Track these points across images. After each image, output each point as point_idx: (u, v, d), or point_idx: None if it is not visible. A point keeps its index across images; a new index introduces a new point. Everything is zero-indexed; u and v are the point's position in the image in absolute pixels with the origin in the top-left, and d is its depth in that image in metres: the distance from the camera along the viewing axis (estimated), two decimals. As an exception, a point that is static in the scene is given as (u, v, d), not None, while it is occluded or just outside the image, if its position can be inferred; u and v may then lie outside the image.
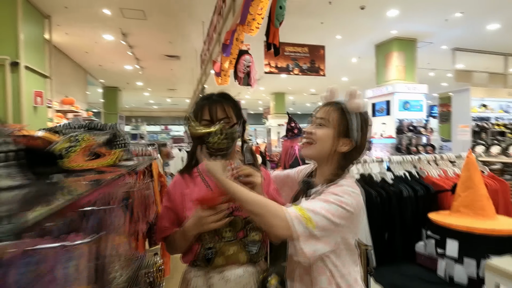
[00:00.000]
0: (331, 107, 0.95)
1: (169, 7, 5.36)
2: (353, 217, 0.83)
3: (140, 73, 9.93)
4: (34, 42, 5.04)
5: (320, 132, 0.93)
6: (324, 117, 0.94)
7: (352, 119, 0.92)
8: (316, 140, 0.93)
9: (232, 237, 0.96)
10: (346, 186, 0.87)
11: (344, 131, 0.92)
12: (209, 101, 0.98)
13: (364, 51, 7.97)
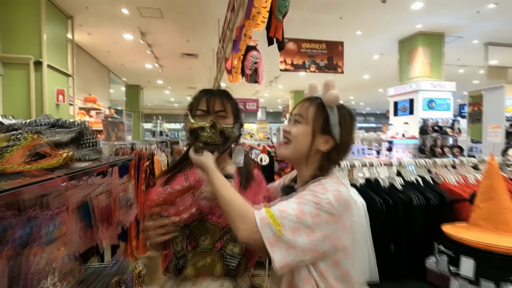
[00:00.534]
0: (307, 102, 0.87)
1: (185, 5, 5.37)
2: (336, 217, 0.72)
3: (160, 72, 10.11)
4: (57, 41, 5.24)
5: (295, 130, 0.84)
6: (300, 113, 0.86)
7: (330, 113, 0.83)
8: (291, 139, 0.85)
9: (209, 246, 0.88)
10: (325, 184, 0.77)
11: (322, 127, 0.83)
12: (208, 93, 0.96)
13: (387, 47, 7.60)
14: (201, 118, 0.92)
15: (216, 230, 0.89)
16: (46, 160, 0.57)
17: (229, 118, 0.95)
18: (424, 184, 1.43)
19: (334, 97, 0.83)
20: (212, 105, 0.92)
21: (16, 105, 4.63)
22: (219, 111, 0.93)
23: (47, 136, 0.74)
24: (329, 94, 0.82)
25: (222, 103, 0.94)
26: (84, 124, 0.81)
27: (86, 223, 0.70)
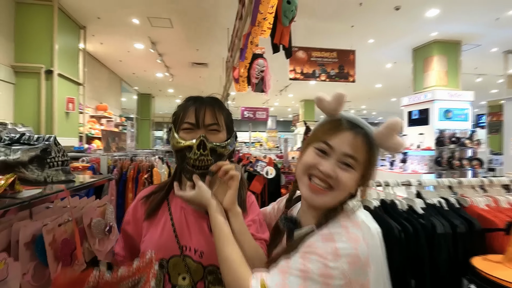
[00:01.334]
0: (360, 138, 0.68)
1: (194, 14, 5.37)
2: (352, 283, 0.57)
3: (170, 81, 10.19)
4: (68, 51, 5.32)
5: (346, 177, 0.67)
6: (354, 155, 0.67)
7: (378, 159, 0.71)
8: (337, 187, 0.67)
9: (189, 286, 0.76)
10: (338, 242, 0.60)
11: (370, 175, 0.70)
12: (197, 102, 0.81)
13: (400, 55, 7.40)
14: (188, 133, 0.78)
15: (198, 269, 0.76)
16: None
17: (221, 133, 0.81)
18: (448, 207, 1.25)
19: (401, 146, 0.68)
20: (202, 118, 0.78)
21: (27, 113, 4.68)
22: (210, 124, 0.79)
23: (4, 154, 0.63)
24: (396, 143, 0.68)
25: (214, 114, 0.80)
26: (51, 141, 0.69)
27: (39, 262, 0.58)
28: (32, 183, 0.64)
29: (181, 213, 0.81)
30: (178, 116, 0.83)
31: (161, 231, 0.79)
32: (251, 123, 10.42)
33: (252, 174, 2.55)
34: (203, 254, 0.77)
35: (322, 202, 0.68)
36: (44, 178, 0.66)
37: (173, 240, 0.77)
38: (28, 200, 0.49)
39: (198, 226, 0.80)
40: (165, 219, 0.81)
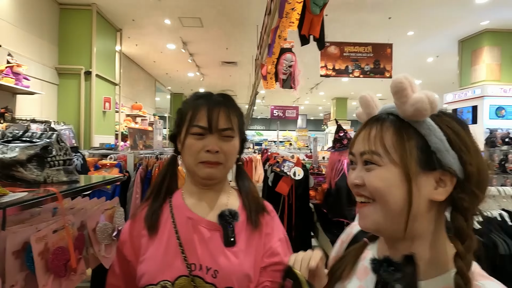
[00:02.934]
0: (374, 126, 0.52)
1: (224, 13, 5.36)
2: None
3: (201, 80, 10.38)
4: (106, 53, 5.58)
5: (371, 178, 0.49)
6: (370, 149, 0.50)
7: (425, 132, 0.48)
8: (373, 194, 0.49)
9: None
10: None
11: (420, 159, 0.47)
12: (209, 101, 0.71)
13: (444, 48, 6.80)
14: (198, 139, 0.69)
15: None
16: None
17: (235, 139, 0.73)
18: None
19: (426, 103, 0.46)
20: (216, 121, 0.69)
21: (69, 112, 4.99)
22: (224, 129, 0.70)
23: (0, 152, 0.59)
24: (416, 101, 0.47)
25: (228, 117, 0.71)
26: (53, 138, 0.64)
27: (29, 272, 0.52)
28: (31, 184, 0.59)
29: (188, 224, 0.70)
30: (184, 116, 0.72)
31: (164, 247, 0.68)
32: (280, 121, 10.28)
33: (279, 175, 2.44)
34: (217, 274, 0.65)
35: (371, 220, 0.51)
36: (44, 178, 0.61)
37: (179, 258, 0.66)
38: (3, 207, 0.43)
39: (211, 239, 0.69)
40: (168, 232, 0.70)
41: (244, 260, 0.68)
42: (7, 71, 3.51)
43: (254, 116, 21.25)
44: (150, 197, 0.75)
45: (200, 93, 0.76)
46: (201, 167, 0.70)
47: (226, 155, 0.71)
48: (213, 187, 0.76)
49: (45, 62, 4.65)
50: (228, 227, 0.68)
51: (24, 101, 4.14)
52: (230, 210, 0.70)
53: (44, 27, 4.62)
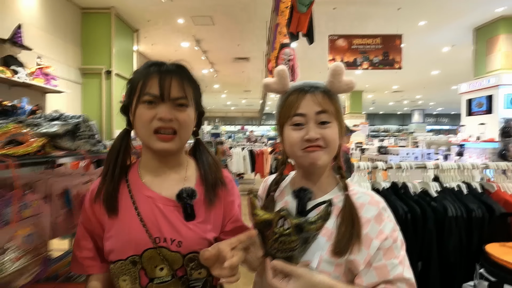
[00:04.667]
0: (319, 94, 0.70)
1: (233, 10, 5.54)
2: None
3: (215, 77, 10.64)
4: (124, 53, 5.93)
5: (330, 132, 0.69)
6: (325, 109, 0.69)
7: (339, 102, 0.74)
8: (328, 144, 0.69)
9: (168, 276, 0.70)
10: (386, 212, 0.71)
11: (342, 121, 0.73)
12: (160, 69, 0.70)
13: (459, 37, 6.65)
14: (150, 108, 0.68)
15: (176, 259, 0.70)
16: (21, 147, 0.63)
17: (189, 108, 0.71)
18: (469, 192, 1.18)
19: (349, 84, 0.71)
20: (168, 89, 0.67)
21: (92, 109, 5.38)
22: (177, 98, 0.69)
23: (45, 127, 0.82)
24: (349, 83, 0.70)
25: (182, 86, 0.69)
26: (81, 119, 0.87)
27: (68, 210, 0.75)
28: (66, 150, 0.82)
29: (147, 203, 0.71)
30: (135, 85, 0.70)
31: (128, 226, 0.70)
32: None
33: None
34: (181, 243, 0.70)
35: (322, 160, 0.69)
36: (75, 147, 0.84)
37: (143, 234, 0.69)
38: (52, 157, 0.65)
39: (171, 214, 0.71)
40: (130, 211, 0.71)
41: (205, 228, 0.73)
42: (37, 73, 3.88)
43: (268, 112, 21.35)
44: (105, 175, 0.73)
45: (152, 61, 0.74)
46: (155, 139, 0.69)
47: (180, 124, 0.69)
48: (170, 161, 0.75)
49: (70, 63, 5.04)
50: (187, 205, 0.71)
51: (52, 100, 4.53)
52: (187, 190, 0.71)
53: (68, 30, 5.01)
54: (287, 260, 0.61)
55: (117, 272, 0.70)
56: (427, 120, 20.35)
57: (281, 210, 0.61)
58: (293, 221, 0.60)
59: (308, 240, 0.62)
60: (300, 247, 0.61)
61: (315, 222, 0.60)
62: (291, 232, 0.59)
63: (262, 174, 6.61)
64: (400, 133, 17.63)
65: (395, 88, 13.23)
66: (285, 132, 0.72)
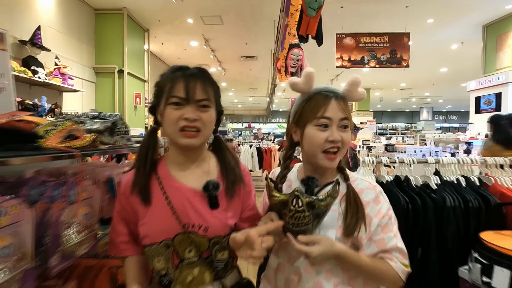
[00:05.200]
0: (341, 101, 0.81)
1: (242, 9, 5.63)
2: None
3: (223, 75, 10.76)
4: (136, 52, 6.09)
5: (348, 137, 0.81)
6: (346, 116, 0.80)
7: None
8: (343, 147, 0.81)
9: (195, 257, 0.80)
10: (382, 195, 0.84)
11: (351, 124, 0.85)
12: (185, 74, 0.77)
13: (468, 34, 6.62)
14: (177, 109, 0.76)
15: (203, 242, 0.80)
16: (77, 141, 0.74)
17: (212, 109, 0.80)
18: (467, 184, 1.27)
19: (364, 96, 0.83)
20: (193, 92, 0.75)
21: (105, 107, 5.55)
22: (201, 100, 0.76)
23: (89, 124, 0.94)
24: (363, 94, 0.82)
25: (205, 88, 0.77)
26: (118, 117, 1.00)
27: (111, 195, 0.87)
28: (106, 144, 0.94)
29: (176, 193, 0.80)
30: (163, 88, 0.78)
31: (161, 214, 0.79)
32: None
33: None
34: (208, 229, 0.79)
35: (336, 163, 0.82)
36: (113, 142, 0.96)
37: (174, 221, 0.78)
38: (103, 150, 0.77)
39: (198, 203, 0.80)
40: (161, 202, 0.79)
41: (227, 215, 0.83)
42: (55, 72, 4.06)
43: (275, 109, 21.40)
44: (138, 169, 0.81)
45: (177, 66, 0.81)
46: (181, 136, 0.76)
47: (203, 123, 0.77)
48: (194, 156, 0.84)
49: (84, 63, 5.22)
50: (212, 195, 0.80)
51: (68, 98, 4.71)
52: (213, 183, 0.80)
53: (83, 31, 5.18)
54: (302, 233, 0.71)
55: (152, 254, 0.79)
56: (436, 118, 20.13)
57: (295, 191, 0.71)
58: (305, 199, 0.70)
59: (320, 215, 0.73)
60: (313, 221, 0.71)
61: (324, 199, 0.71)
62: (304, 209, 0.69)
63: (269, 171, 6.70)
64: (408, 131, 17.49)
65: (403, 86, 13.15)
66: (308, 131, 0.80)
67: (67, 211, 0.69)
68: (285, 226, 0.73)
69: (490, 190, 1.26)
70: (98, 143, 0.83)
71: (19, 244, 0.55)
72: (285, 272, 0.85)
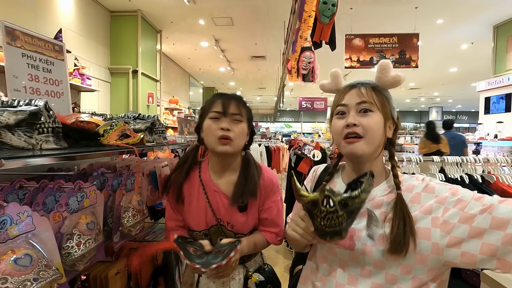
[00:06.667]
0: (364, 87, 0.75)
1: (253, 10, 5.75)
2: None
3: (232, 74, 10.90)
4: (149, 53, 6.27)
5: (368, 120, 0.72)
6: (366, 99, 0.73)
7: (389, 96, 0.77)
8: (366, 133, 0.72)
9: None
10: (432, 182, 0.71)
11: (388, 111, 0.75)
12: (223, 96, 0.97)
13: (477, 34, 6.61)
14: (214, 122, 0.93)
15: (230, 235, 0.99)
16: (130, 139, 0.87)
17: (243, 123, 0.96)
18: (470, 182, 1.36)
19: (402, 78, 0.72)
20: (228, 107, 0.93)
21: (119, 106, 5.75)
22: (234, 113, 0.94)
23: (132, 124, 1.08)
24: (396, 76, 0.72)
25: (238, 106, 0.95)
26: (155, 118, 1.13)
27: (153, 186, 1.01)
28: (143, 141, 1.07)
29: (214, 195, 0.98)
30: (206, 108, 0.97)
31: (202, 210, 0.98)
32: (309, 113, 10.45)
33: (300, 157, 2.84)
34: (233, 227, 0.98)
35: (360, 149, 0.72)
36: (153, 140, 1.09)
37: (210, 215, 0.98)
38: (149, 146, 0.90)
39: (229, 206, 0.97)
40: (203, 200, 0.98)
41: (249, 217, 1.00)
42: (75, 73, 4.25)
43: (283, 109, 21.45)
44: (175, 171, 1.00)
45: (218, 93, 1.01)
46: (218, 143, 0.92)
47: (235, 133, 0.93)
48: (229, 166, 1.00)
49: (100, 63, 5.41)
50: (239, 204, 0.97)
51: (85, 98, 4.91)
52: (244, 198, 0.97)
53: (99, 33, 5.38)
54: (337, 234, 0.65)
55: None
56: (445, 118, 19.90)
57: (325, 190, 0.64)
58: (337, 198, 0.63)
59: (354, 212, 0.65)
60: (347, 219, 0.65)
61: (358, 196, 0.63)
62: (337, 209, 0.63)
63: (278, 169, 6.82)
64: (416, 131, 17.38)
65: (412, 86, 13.09)
66: (332, 122, 0.79)
67: (125, 198, 0.82)
68: (317, 227, 0.68)
69: (492, 187, 1.35)
70: (145, 141, 0.96)
71: (96, 222, 0.69)
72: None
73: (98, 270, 0.84)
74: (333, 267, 0.76)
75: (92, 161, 0.99)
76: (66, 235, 0.62)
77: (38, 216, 0.53)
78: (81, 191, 0.66)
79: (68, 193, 0.64)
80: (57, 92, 1.01)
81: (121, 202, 0.82)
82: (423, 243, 0.65)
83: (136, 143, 0.88)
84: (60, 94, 1.02)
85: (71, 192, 0.64)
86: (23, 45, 0.93)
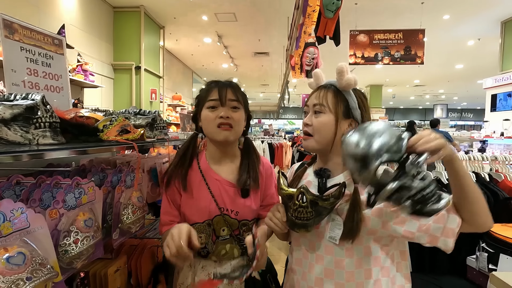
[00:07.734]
0: (323, 90, 0.85)
1: (256, 7, 5.70)
2: None
3: (235, 71, 10.86)
4: (152, 49, 6.25)
5: (317, 121, 0.83)
6: (319, 102, 0.84)
7: (348, 98, 0.85)
8: (315, 132, 0.84)
9: (227, 234, 0.97)
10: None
11: (344, 112, 0.84)
12: (218, 84, 0.96)
13: (485, 30, 6.50)
14: (212, 111, 0.92)
15: (234, 223, 0.97)
16: (129, 135, 0.86)
17: (241, 110, 0.95)
18: (477, 180, 1.33)
19: (353, 81, 0.82)
20: (225, 94, 0.91)
21: (123, 102, 5.75)
22: (232, 100, 0.93)
23: (133, 120, 1.06)
24: (347, 79, 0.81)
25: (235, 93, 0.94)
26: (156, 113, 1.11)
27: (154, 183, 0.99)
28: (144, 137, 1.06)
29: (215, 184, 0.97)
30: (202, 97, 0.96)
31: (204, 199, 0.95)
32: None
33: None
34: (238, 213, 0.97)
35: (310, 145, 0.85)
36: (153, 136, 1.08)
37: (213, 204, 0.95)
38: (150, 142, 0.89)
39: (232, 192, 0.97)
40: (204, 190, 0.96)
41: (252, 203, 0.99)
42: (78, 69, 4.25)
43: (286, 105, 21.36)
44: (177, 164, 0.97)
45: (213, 80, 0.99)
46: (218, 131, 0.92)
47: (234, 120, 0.93)
48: (228, 153, 1.00)
49: (103, 59, 5.40)
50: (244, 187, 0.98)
51: (88, 94, 4.91)
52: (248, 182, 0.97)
53: (103, 29, 5.36)
54: (303, 227, 0.76)
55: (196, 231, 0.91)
56: (450, 115, 19.70)
57: (301, 187, 0.75)
58: (310, 196, 0.74)
59: (322, 213, 0.76)
60: (315, 218, 0.75)
61: (328, 199, 0.74)
62: (307, 205, 0.74)
63: (281, 166, 6.81)
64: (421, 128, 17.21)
65: (417, 82, 12.95)
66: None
67: (124, 194, 0.81)
68: (288, 217, 0.78)
69: (499, 185, 1.32)
70: (145, 137, 0.94)
71: (95, 219, 0.68)
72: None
73: (97, 267, 0.84)
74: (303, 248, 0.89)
75: (91, 156, 0.97)
76: (63, 232, 0.61)
77: (33, 213, 0.52)
78: (79, 187, 0.65)
79: (66, 189, 0.63)
80: (57, 86, 1.00)
81: (120, 199, 0.80)
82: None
83: (136, 138, 0.87)
84: (60, 89, 1.00)
85: (69, 188, 0.63)
86: (22, 39, 0.91)
